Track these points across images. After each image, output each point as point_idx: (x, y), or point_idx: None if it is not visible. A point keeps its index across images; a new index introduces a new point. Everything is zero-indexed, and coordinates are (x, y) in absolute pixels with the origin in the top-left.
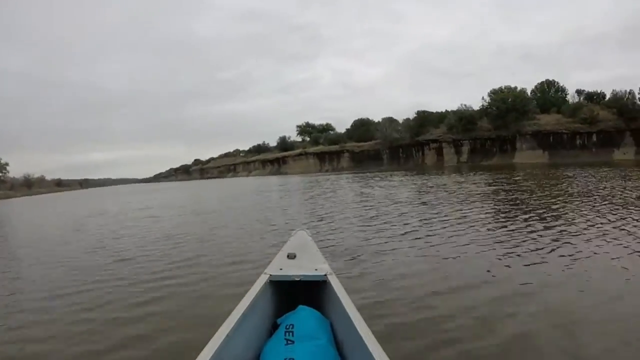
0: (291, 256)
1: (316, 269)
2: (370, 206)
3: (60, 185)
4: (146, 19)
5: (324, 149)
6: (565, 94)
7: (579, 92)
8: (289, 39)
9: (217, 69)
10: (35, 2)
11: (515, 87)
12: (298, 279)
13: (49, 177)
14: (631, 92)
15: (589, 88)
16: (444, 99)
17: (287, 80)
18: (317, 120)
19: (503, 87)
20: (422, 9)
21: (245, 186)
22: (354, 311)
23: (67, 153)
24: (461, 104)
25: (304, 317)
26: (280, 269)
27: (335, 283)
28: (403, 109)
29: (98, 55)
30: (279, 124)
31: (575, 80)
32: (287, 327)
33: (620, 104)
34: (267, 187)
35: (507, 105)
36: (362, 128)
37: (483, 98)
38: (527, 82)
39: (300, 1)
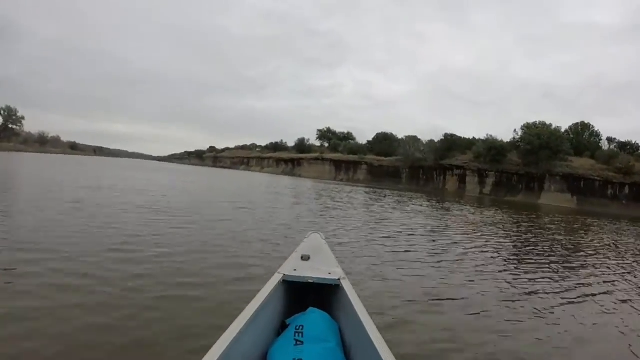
0: (305, 258)
1: (330, 273)
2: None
3: (74, 148)
4: (177, 7)
5: (342, 157)
6: (599, 139)
7: (609, 139)
8: (311, 44)
9: (240, 65)
10: None
11: (550, 125)
12: (312, 281)
13: (64, 139)
14: None
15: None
16: (462, 124)
17: (309, 84)
18: (337, 128)
19: (537, 123)
20: (443, 32)
21: (255, 183)
22: (366, 316)
23: (86, 118)
24: (488, 134)
25: (314, 319)
26: (295, 270)
27: (348, 288)
28: (421, 129)
29: (128, 33)
30: (298, 126)
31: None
32: (297, 327)
33: None
34: (277, 188)
35: (541, 142)
36: (384, 142)
37: (515, 131)
38: (549, 120)
39: (323, 8)
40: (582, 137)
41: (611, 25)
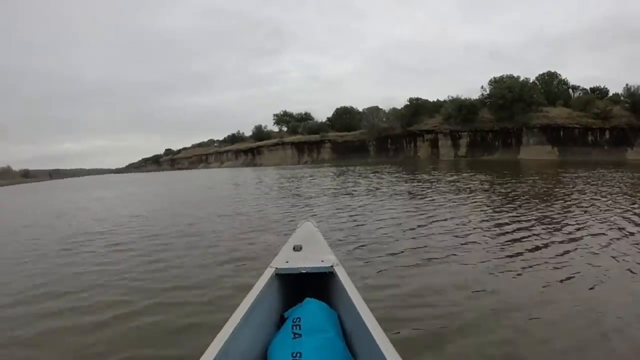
0: (297, 248)
1: (322, 260)
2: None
3: (27, 176)
4: (116, 12)
5: (303, 139)
6: (568, 88)
7: (574, 87)
8: (252, 34)
9: (186, 62)
10: None
11: (518, 77)
12: (304, 271)
13: (16, 168)
14: None
15: None
16: (415, 94)
17: (255, 73)
18: (293, 111)
19: (504, 76)
20: (382, 7)
21: (203, 183)
22: (360, 302)
23: (36, 143)
24: (449, 96)
25: (311, 309)
26: (287, 262)
27: (341, 274)
28: (376, 102)
29: (67, 46)
30: (253, 116)
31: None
32: (295, 320)
33: (635, 99)
34: (221, 185)
35: (513, 95)
36: (345, 117)
37: (482, 87)
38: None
39: None
40: (551, 86)
41: None
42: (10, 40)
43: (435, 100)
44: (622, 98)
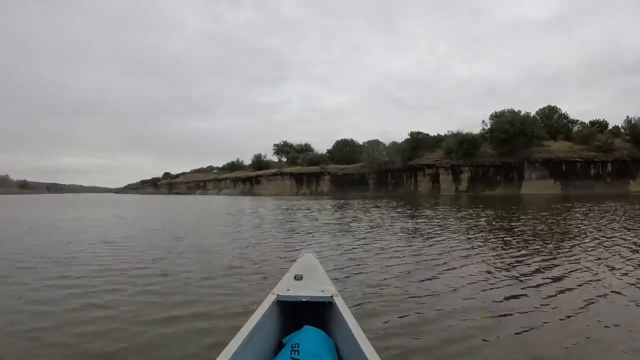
0: (298, 277)
1: (322, 290)
2: None
3: (24, 187)
4: (120, 33)
5: (302, 170)
6: (569, 121)
7: (572, 122)
8: (253, 63)
9: (187, 87)
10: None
11: (519, 111)
12: (305, 300)
13: (14, 177)
14: None
15: None
16: (411, 128)
17: (256, 102)
18: (293, 142)
19: (505, 111)
20: (379, 42)
21: (195, 212)
22: (359, 332)
23: (36, 154)
24: (448, 131)
25: (309, 337)
26: (288, 290)
27: (341, 304)
28: (374, 136)
29: (72, 63)
30: (253, 144)
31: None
32: (293, 346)
33: (636, 130)
34: (211, 215)
35: (515, 129)
36: (345, 149)
37: (483, 122)
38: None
39: (261, 27)
40: (551, 120)
41: (540, 18)
42: (12, 46)
43: (435, 134)
44: (622, 130)
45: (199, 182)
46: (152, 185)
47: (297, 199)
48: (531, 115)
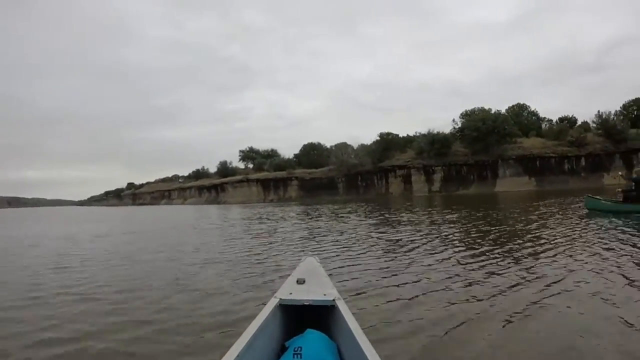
0: (300, 281)
1: (325, 294)
2: None
3: None
4: (82, 44)
5: (269, 176)
6: (539, 118)
7: (542, 119)
8: (217, 70)
9: (151, 96)
10: None
11: (490, 109)
12: (307, 304)
13: None
14: (617, 113)
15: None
16: (375, 132)
17: (221, 109)
18: (259, 148)
19: (476, 109)
20: (341, 47)
21: (149, 227)
22: (361, 335)
23: None
24: (416, 132)
25: (312, 340)
26: (290, 294)
27: (343, 308)
28: (340, 141)
29: (34, 74)
30: (218, 152)
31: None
32: (296, 349)
33: (608, 125)
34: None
35: (487, 127)
36: (312, 154)
37: (454, 121)
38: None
39: (223, 35)
40: (521, 117)
41: (498, 21)
42: None
43: (405, 135)
44: (593, 125)
45: (164, 191)
46: (115, 197)
47: (262, 206)
48: (502, 113)
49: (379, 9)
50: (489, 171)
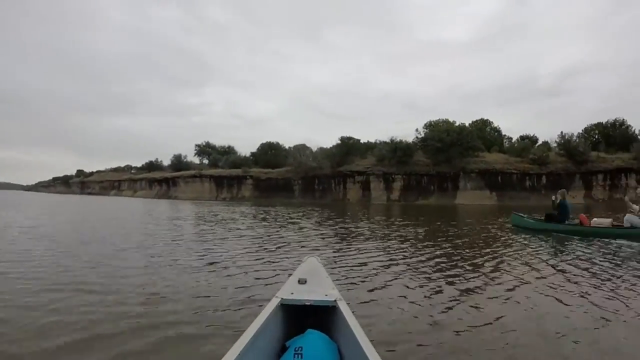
0: (302, 281)
1: (326, 295)
2: None
3: None
4: (38, 22)
5: (223, 173)
6: (501, 135)
7: (502, 136)
8: (178, 63)
9: (109, 82)
10: None
11: (454, 122)
12: (308, 304)
13: None
14: (580, 135)
15: None
16: (333, 138)
17: (179, 103)
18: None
19: (440, 120)
20: (304, 51)
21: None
22: (362, 336)
23: None
24: (377, 140)
25: (312, 340)
26: (292, 293)
27: (344, 308)
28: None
29: None
30: (174, 146)
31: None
32: (296, 349)
33: (570, 145)
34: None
35: (451, 138)
36: (270, 153)
37: (417, 130)
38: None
39: (186, 28)
40: (484, 132)
41: (458, 41)
42: None
43: (366, 141)
44: (555, 145)
45: (114, 182)
46: (63, 184)
47: (213, 204)
48: (466, 126)
49: (345, 19)
50: (450, 183)
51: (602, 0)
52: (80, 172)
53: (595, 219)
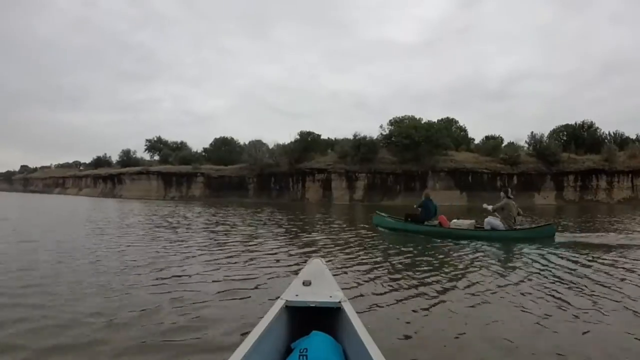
0: (307, 283)
1: (331, 296)
2: None
3: None
4: None
5: (172, 169)
6: (467, 134)
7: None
8: (124, 56)
9: (54, 74)
10: None
11: (420, 119)
12: (313, 305)
13: None
14: (550, 135)
15: None
16: (288, 136)
17: (126, 99)
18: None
19: (406, 117)
20: (248, 47)
21: None
22: (367, 337)
23: None
24: (355, 132)
25: (317, 342)
26: (296, 295)
27: (349, 310)
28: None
29: None
30: (126, 143)
31: None
32: (301, 351)
33: (541, 146)
34: None
35: (419, 135)
36: (223, 149)
37: (382, 127)
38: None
39: (131, 20)
40: (451, 131)
41: (407, 42)
42: None
43: (326, 138)
44: (526, 145)
45: (58, 178)
46: (5, 180)
47: (165, 204)
48: (434, 123)
49: (290, 15)
50: (417, 182)
51: (547, 11)
52: (24, 168)
53: (454, 220)
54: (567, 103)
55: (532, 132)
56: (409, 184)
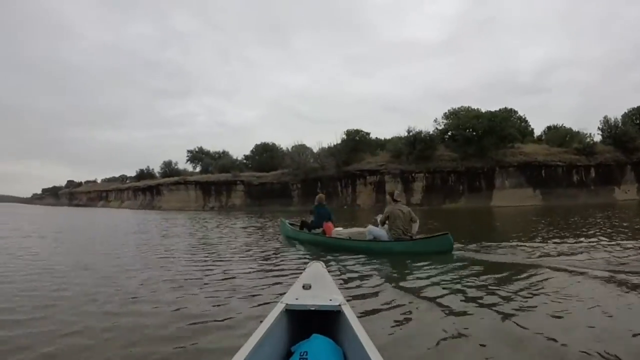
0: (306, 286)
1: (331, 299)
2: None
3: None
4: (19, 38)
5: (211, 178)
6: (529, 125)
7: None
8: (155, 75)
9: (91, 97)
10: None
11: (478, 109)
12: (313, 308)
13: None
14: (624, 119)
15: None
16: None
17: (163, 114)
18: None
19: (461, 108)
20: (274, 58)
21: None
22: (368, 341)
23: None
24: (409, 127)
25: (317, 345)
26: (296, 299)
27: (349, 313)
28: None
29: None
30: (168, 156)
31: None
32: (302, 354)
33: (618, 132)
34: None
35: (483, 126)
36: (265, 155)
37: (436, 120)
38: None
39: (157, 40)
40: (512, 123)
41: (428, 40)
42: None
43: (375, 138)
44: (598, 132)
45: (102, 192)
46: (52, 195)
47: (201, 214)
48: (497, 111)
49: (308, 23)
50: (483, 181)
51: None
52: (70, 183)
53: (337, 228)
54: (606, 89)
55: (605, 117)
56: (472, 183)
